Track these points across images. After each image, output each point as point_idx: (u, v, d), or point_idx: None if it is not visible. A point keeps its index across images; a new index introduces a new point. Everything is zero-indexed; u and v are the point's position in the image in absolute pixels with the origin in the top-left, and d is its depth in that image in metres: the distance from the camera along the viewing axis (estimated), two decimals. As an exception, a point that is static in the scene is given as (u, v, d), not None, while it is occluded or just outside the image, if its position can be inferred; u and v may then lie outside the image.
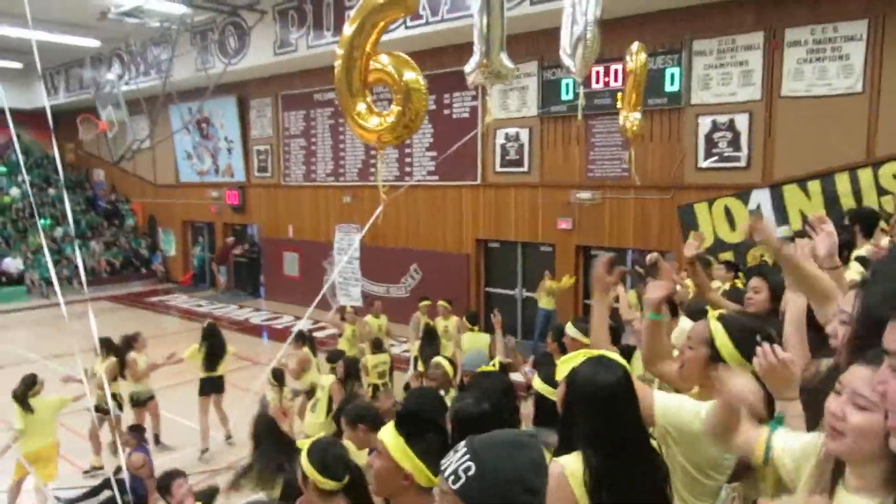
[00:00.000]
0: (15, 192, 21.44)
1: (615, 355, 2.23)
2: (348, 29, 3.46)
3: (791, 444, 1.73)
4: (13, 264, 18.58)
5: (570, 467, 1.89)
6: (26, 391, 6.28)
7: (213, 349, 7.99)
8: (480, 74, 4.59)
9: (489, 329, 8.95)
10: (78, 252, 6.26)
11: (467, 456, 1.32)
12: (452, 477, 1.31)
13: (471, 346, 7.76)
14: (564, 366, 2.12)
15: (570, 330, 4.03)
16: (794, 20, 8.69)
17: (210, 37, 14.74)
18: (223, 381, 8.14)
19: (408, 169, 13.43)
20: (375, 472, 2.05)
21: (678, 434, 2.14)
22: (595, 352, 2.22)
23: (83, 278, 6.64)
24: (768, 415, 1.92)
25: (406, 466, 1.95)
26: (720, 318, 2.34)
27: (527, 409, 3.23)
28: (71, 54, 18.32)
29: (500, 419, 2.67)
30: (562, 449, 2.02)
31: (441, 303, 9.35)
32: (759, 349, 1.89)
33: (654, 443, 2.10)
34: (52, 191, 21.89)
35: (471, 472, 1.29)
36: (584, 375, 2.02)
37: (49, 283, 18.28)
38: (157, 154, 18.72)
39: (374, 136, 3.64)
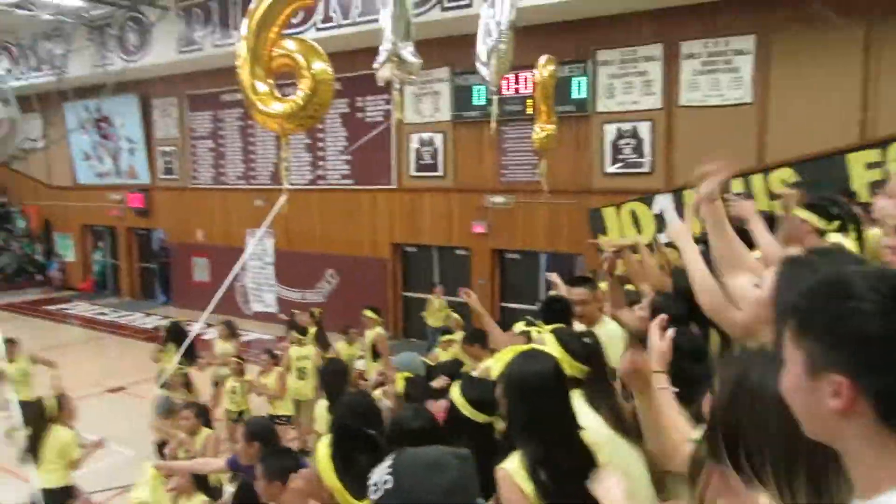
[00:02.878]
0: None
1: (547, 350, 2.34)
2: (253, 13, 3.35)
3: None
4: None
5: (512, 468, 2.00)
6: None
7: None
8: (390, 68, 4.61)
9: (411, 335, 8.92)
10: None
11: (389, 469, 1.32)
12: (374, 487, 1.31)
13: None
14: (499, 363, 2.23)
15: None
16: (689, 34, 9.13)
17: (108, 32, 13.98)
18: None
19: (320, 172, 13.22)
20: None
21: None
22: (526, 346, 2.35)
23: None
24: None
25: (327, 483, 1.97)
26: (553, 331, 2.49)
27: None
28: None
29: (437, 434, 2.63)
30: (508, 444, 2.13)
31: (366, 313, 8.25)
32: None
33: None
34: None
35: (388, 486, 1.29)
36: (516, 369, 2.14)
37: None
38: (51, 154, 17.60)
39: (276, 123, 3.53)
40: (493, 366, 2.31)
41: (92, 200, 17.91)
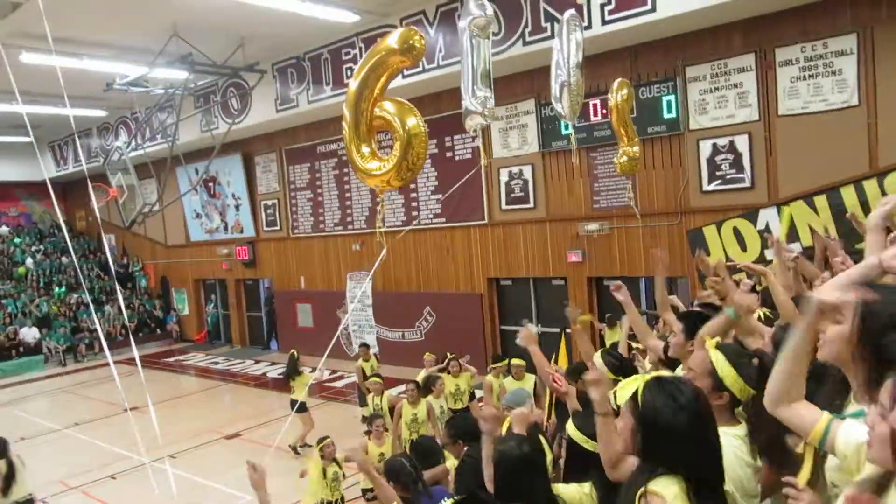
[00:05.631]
0: (29, 262, 21.75)
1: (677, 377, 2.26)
2: (354, 82, 3.55)
3: (856, 436, 1.72)
4: (29, 333, 18.68)
5: (669, 494, 1.88)
6: None
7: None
8: (472, 119, 4.76)
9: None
10: (123, 306, 6.18)
11: None
12: None
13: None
14: (625, 391, 2.11)
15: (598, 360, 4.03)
16: (783, 40, 8.82)
17: (213, 99, 15.08)
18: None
19: (414, 213, 13.55)
20: None
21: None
22: (660, 373, 2.28)
23: (130, 335, 6.60)
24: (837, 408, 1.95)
25: None
26: (719, 347, 2.34)
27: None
28: (78, 125, 18.73)
29: (538, 462, 2.64)
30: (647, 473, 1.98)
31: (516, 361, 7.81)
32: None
33: None
34: (65, 259, 22.18)
35: None
36: (650, 401, 2.01)
37: (67, 350, 18.38)
38: (166, 215, 18.96)
39: (379, 181, 3.70)
40: (619, 392, 2.18)
41: (203, 256, 19.13)
